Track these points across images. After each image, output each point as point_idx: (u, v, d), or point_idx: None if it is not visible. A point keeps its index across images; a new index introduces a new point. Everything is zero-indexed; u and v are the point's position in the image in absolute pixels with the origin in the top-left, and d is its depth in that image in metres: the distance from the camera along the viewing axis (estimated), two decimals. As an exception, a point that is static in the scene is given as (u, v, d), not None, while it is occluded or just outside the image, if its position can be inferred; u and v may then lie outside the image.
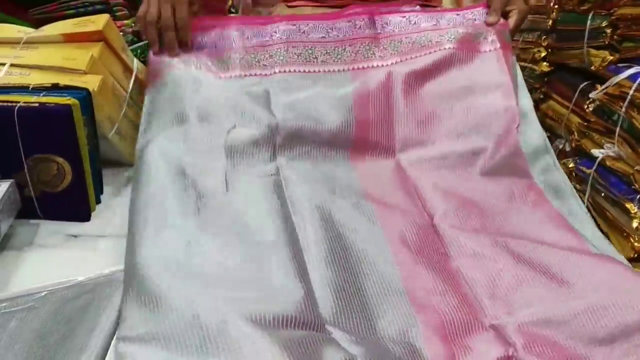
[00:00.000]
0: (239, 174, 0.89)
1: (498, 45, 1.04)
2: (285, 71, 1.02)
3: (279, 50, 1.03)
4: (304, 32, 1.04)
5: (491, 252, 0.81)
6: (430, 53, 1.04)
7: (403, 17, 1.07)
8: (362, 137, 0.99)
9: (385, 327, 0.71)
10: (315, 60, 1.03)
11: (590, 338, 0.68)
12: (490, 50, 1.05)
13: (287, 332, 0.61)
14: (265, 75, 1.01)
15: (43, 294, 0.69)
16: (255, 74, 1.01)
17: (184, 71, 1.00)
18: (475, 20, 1.07)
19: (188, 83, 0.98)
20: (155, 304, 0.64)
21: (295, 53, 1.03)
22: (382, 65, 1.02)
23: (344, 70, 1.02)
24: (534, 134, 1.04)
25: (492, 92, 1.01)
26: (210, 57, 1.03)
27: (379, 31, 1.05)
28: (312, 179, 0.91)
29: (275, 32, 1.04)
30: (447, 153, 0.98)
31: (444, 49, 1.04)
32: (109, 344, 0.59)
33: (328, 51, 1.03)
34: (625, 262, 0.83)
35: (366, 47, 1.04)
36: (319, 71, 1.02)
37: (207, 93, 0.97)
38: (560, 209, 0.93)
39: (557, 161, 1.03)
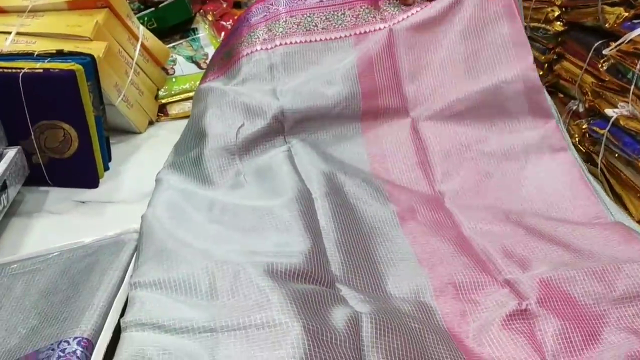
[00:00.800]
0: (253, 163, 0.89)
1: None
2: (286, 43, 1.00)
3: (277, 22, 1.01)
4: None
5: (503, 227, 0.81)
6: (431, 3, 1.01)
7: None
8: (371, 105, 0.98)
9: (395, 286, 0.71)
10: (315, 28, 1.01)
11: (605, 297, 0.68)
12: None
13: (298, 285, 0.61)
14: (266, 49, 1.00)
15: (49, 256, 0.70)
16: (257, 50, 1.00)
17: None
18: None
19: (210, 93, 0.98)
20: (167, 256, 0.65)
21: (294, 23, 1.01)
22: (384, 28, 1.00)
23: (345, 36, 1.00)
24: None
25: (500, 27, 0.97)
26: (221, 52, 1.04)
27: None
28: (322, 159, 0.91)
29: (272, 4, 1.03)
30: (460, 99, 0.95)
31: None
32: (112, 302, 0.60)
33: (327, 17, 1.01)
34: (636, 227, 0.82)
35: (366, 11, 1.01)
36: (320, 40, 1.01)
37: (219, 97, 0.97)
38: None
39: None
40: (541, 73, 1.24)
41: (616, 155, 1.01)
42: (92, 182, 0.94)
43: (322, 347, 0.52)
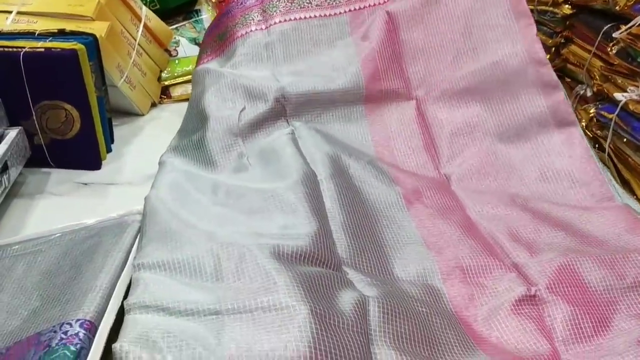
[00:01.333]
0: (256, 145, 0.88)
1: None
2: (281, 21, 0.99)
3: (270, 2, 1.00)
4: None
5: (510, 210, 0.80)
6: None
7: None
8: (374, 88, 0.96)
9: (402, 269, 0.70)
10: (309, 5, 1.00)
11: (616, 285, 0.67)
12: None
13: (304, 268, 0.61)
14: (261, 29, 0.98)
15: (51, 237, 0.69)
16: (252, 30, 0.99)
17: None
18: None
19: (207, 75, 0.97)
20: (171, 237, 0.64)
21: (288, 1, 0.99)
22: (378, 4, 0.98)
23: (340, 13, 0.99)
24: None
25: (501, 4, 0.95)
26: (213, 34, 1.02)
27: None
28: (326, 141, 0.90)
29: None
30: (464, 76, 0.93)
31: None
32: (115, 284, 0.59)
33: None
34: None
35: None
36: (315, 17, 0.99)
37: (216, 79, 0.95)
38: None
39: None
40: (548, 57, 1.22)
41: (624, 140, 1.00)
42: (94, 163, 0.93)
43: (329, 330, 0.51)
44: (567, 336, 0.61)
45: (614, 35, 1.02)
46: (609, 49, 1.06)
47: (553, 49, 1.29)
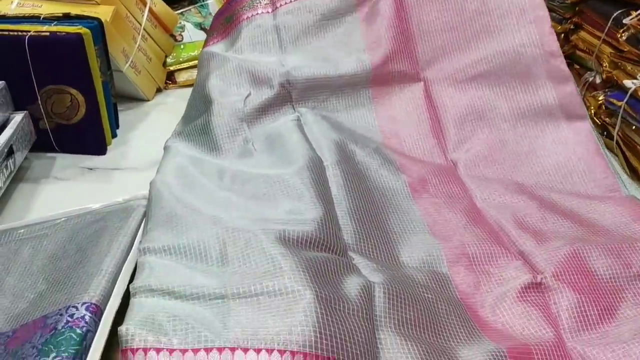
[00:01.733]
0: (261, 131, 0.87)
1: None
2: (286, 2, 0.98)
3: None
4: None
5: (517, 198, 0.80)
6: None
7: None
8: (382, 71, 0.95)
9: (408, 255, 0.70)
10: None
11: (622, 274, 0.67)
12: None
13: (310, 253, 0.60)
14: (268, 12, 0.98)
15: (57, 221, 0.69)
16: (259, 13, 0.98)
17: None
18: None
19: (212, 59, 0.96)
20: (177, 222, 0.64)
21: None
22: None
23: None
24: None
25: None
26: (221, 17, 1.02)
27: None
28: (332, 127, 0.89)
29: None
30: (474, 61, 0.92)
31: None
32: (121, 268, 0.59)
33: None
34: None
35: None
36: None
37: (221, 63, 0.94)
38: None
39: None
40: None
41: (633, 127, 0.99)
42: (99, 148, 0.93)
43: (334, 315, 0.51)
44: (572, 323, 0.61)
45: (624, 21, 1.00)
46: (618, 35, 1.04)
47: (562, 35, 1.28)
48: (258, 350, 0.46)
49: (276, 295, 0.52)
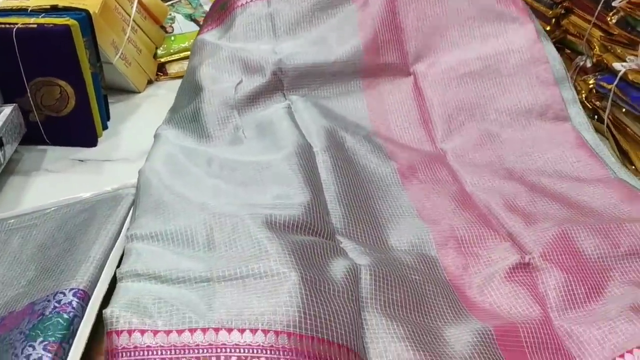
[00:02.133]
0: (252, 118, 0.87)
1: None
2: None
3: None
4: None
5: (506, 183, 0.81)
6: None
7: None
8: (372, 62, 0.96)
9: (396, 239, 0.71)
10: None
11: (610, 253, 0.67)
12: None
13: (297, 237, 0.61)
14: (262, 0, 0.98)
15: (47, 211, 0.70)
16: (253, 0, 0.98)
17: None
18: None
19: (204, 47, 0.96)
20: (164, 209, 0.65)
21: None
22: None
23: None
24: None
25: None
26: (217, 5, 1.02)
27: None
28: (323, 115, 0.90)
29: None
30: (464, 61, 0.94)
31: None
32: (109, 255, 0.59)
33: None
34: (638, 184, 0.82)
35: None
36: None
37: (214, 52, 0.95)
38: None
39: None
40: (548, 28, 1.21)
41: (623, 110, 0.99)
42: (90, 140, 0.93)
43: (319, 297, 0.52)
44: (559, 302, 0.61)
45: (613, 4, 1.00)
46: (608, 19, 1.04)
47: (553, 20, 1.27)
48: (242, 330, 0.47)
49: (262, 278, 0.53)
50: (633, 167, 0.93)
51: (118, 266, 0.58)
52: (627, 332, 0.56)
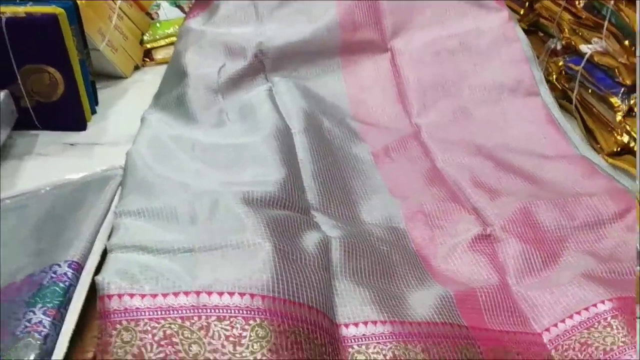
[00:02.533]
0: (236, 102, 0.91)
1: None
2: None
3: None
4: None
5: (475, 159, 0.86)
6: None
7: None
8: (351, 39, 0.99)
9: (368, 214, 0.75)
10: None
11: (566, 225, 0.72)
12: None
13: (273, 211, 0.65)
14: None
15: (40, 192, 0.73)
16: None
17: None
18: None
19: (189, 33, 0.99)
20: (148, 188, 0.69)
21: None
22: None
23: None
24: None
25: None
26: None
27: None
28: (302, 96, 0.93)
29: None
30: (439, 38, 0.99)
31: None
32: (99, 230, 0.64)
33: None
34: (600, 161, 0.87)
35: None
36: None
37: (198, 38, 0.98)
38: None
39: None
40: (522, 12, 1.26)
41: (589, 91, 1.04)
42: (79, 124, 0.97)
43: (291, 264, 0.56)
44: (517, 270, 0.67)
45: (580, -13, 1.05)
46: (577, 2, 1.09)
47: (527, 3, 1.32)
48: (221, 294, 0.52)
49: (239, 248, 0.57)
50: (598, 145, 0.98)
51: (108, 240, 0.63)
52: (577, 295, 0.62)
